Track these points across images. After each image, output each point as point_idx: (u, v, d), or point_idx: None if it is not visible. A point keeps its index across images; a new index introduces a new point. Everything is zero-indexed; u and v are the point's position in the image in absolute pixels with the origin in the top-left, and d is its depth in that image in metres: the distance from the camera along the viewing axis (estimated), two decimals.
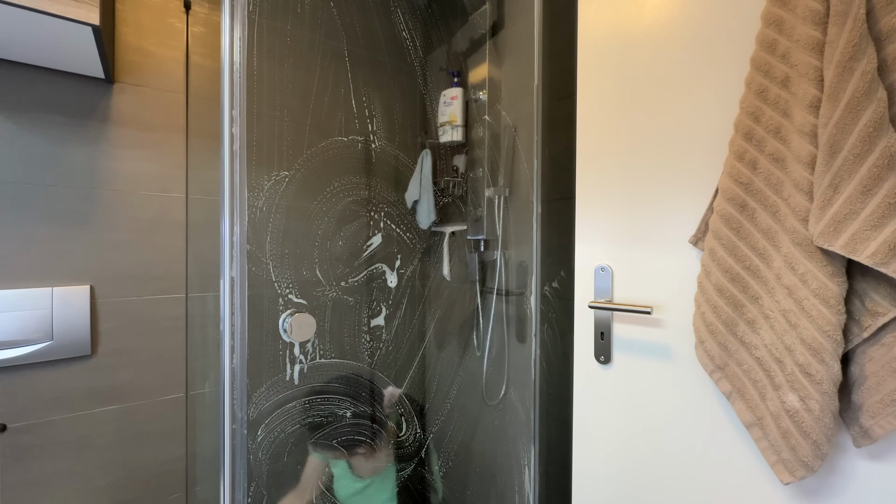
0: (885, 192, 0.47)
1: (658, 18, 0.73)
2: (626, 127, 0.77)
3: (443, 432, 1.47)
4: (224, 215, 0.74)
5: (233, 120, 0.73)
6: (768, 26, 0.57)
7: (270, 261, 1.23)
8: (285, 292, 1.25)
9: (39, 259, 0.96)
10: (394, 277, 1.46)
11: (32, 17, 0.73)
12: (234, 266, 0.75)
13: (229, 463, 0.75)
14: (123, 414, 1.05)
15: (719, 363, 0.62)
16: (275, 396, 1.23)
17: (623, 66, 0.78)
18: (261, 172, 1.21)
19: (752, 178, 0.58)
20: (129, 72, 1.05)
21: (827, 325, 0.51)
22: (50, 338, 0.95)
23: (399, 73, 1.49)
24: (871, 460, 0.54)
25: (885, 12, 0.49)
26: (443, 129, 1.35)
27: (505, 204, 1.23)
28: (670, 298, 0.72)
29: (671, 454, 0.72)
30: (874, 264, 0.47)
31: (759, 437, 0.59)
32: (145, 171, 1.07)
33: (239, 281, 0.76)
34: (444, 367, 1.48)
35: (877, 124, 0.47)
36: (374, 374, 1.33)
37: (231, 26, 0.74)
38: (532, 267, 1.12)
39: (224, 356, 0.76)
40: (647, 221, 0.74)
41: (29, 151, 0.95)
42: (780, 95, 0.56)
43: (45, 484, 0.96)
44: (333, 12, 1.34)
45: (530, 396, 1.11)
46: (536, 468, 1.08)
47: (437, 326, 1.51)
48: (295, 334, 1.12)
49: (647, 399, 0.75)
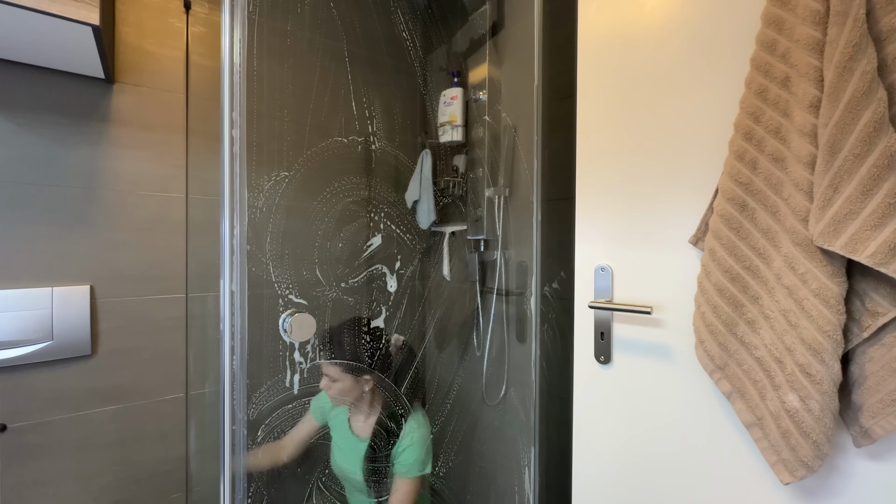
0: (885, 192, 0.47)
1: (658, 18, 0.73)
2: (627, 127, 0.77)
3: (443, 432, 1.47)
4: (224, 215, 0.74)
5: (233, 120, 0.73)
6: (768, 26, 0.57)
7: (270, 261, 1.23)
8: (285, 292, 1.25)
9: (39, 259, 0.96)
10: (393, 281, 1.46)
11: (32, 17, 0.73)
12: (235, 266, 0.75)
13: (229, 463, 0.75)
14: (123, 414, 1.05)
15: (719, 363, 0.62)
16: (275, 397, 1.23)
17: (623, 65, 0.78)
18: (261, 172, 1.21)
19: (753, 178, 0.58)
20: (129, 72, 1.05)
21: (827, 325, 0.51)
22: (50, 338, 0.95)
23: (399, 73, 1.48)
24: (871, 460, 0.54)
25: (885, 12, 0.49)
26: (443, 129, 1.35)
27: (505, 204, 1.23)
28: (670, 298, 0.72)
29: (671, 454, 0.72)
30: (874, 264, 0.47)
31: (759, 437, 0.59)
32: (145, 171, 1.07)
33: (239, 281, 0.76)
34: (444, 368, 1.48)
35: (877, 124, 0.47)
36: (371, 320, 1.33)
37: (231, 26, 0.74)
38: (532, 267, 1.12)
39: (224, 356, 0.75)
40: (648, 221, 0.74)
41: (29, 151, 0.95)
42: (780, 95, 0.56)
43: (45, 484, 0.96)
44: (333, 12, 1.34)
45: (530, 396, 1.11)
46: (536, 468, 1.08)
47: (437, 326, 1.51)
48: (295, 334, 1.12)
49: (647, 399, 0.75)
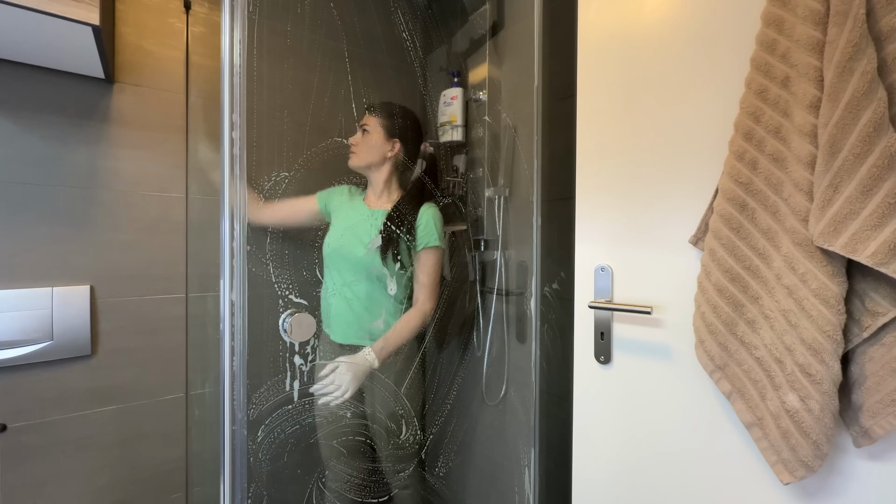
0: (885, 192, 0.47)
1: (658, 18, 0.73)
2: (627, 127, 0.77)
3: (443, 432, 1.47)
4: (224, 216, 0.74)
5: (233, 121, 0.73)
6: (768, 26, 0.57)
7: (270, 261, 1.23)
8: (285, 293, 1.25)
9: (39, 259, 0.96)
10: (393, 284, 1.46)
11: (32, 17, 0.73)
12: (235, 266, 0.75)
13: (229, 463, 0.75)
14: (123, 414, 1.05)
15: (719, 363, 0.62)
16: (275, 397, 1.23)
17: (623, 65, 0.78)
18: (261, 173, 1.21)
19: (752, 178, 0.58)
20: (129, 72, 1.05)
21: (827, 325, 0.51)
22: (50, 338, 0.95)
23: (399, 73, 1.48)
24: (871, 460, 0.54)
25: (885, 12, 0.49)
26: (443, 129, 1.35)
27: (505, 204, 1.23)
28: (670, 298, 0.72)
29: (671, 454, 0.72)
30: (874, 264, 0.47)
31: (759, 437, 0.59)
32: (145, 171, 1.07)
33: (239, 281, 0.76)
34: (444, 367, 1.48)
35: (877, 124, 0.47)
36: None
37: (231, 26, 0.74)
38: (532, 267, 1.12)
39: (224, 356, 0.75)
40: (648, 221, 0.74)
41: (29, 151, 0.95)
42: (780, 95, 0.56)
43: (45, 484, 0.96)
44: (333, 12, 1.34)
45: (530, 396, 1.11)
46: (536, 468, 1.08)
47: (437, 326, 1.51)
48: (295, 334, 1.12)
49: (647, 399, 0.75)
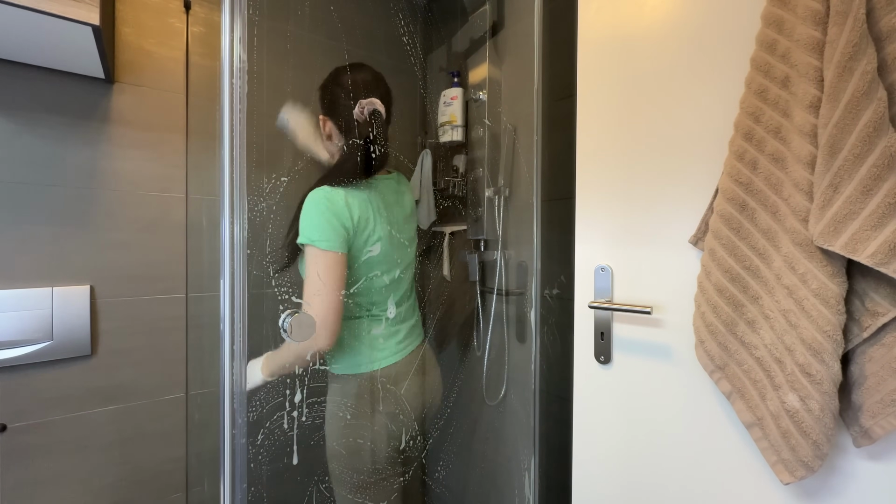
0: (885, 192, 0.47)
1: (658, 19, 0.73)
2: (626, 127, 0.77)
3: (443, 433, 1.47)
4: (224, 216, 0.74)
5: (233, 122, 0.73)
6: (768, 26, 0.57)
7: (271, 262, 1.23)
8: (285, 294, 1.25)
9: (39, 259, 0.96)
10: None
11: (32, 17, 0.73)
12: (235, 267, 0.75)
13: (229, 464, 0.75)
14: (123, 414, 1.05)
15: (719, 363, 0.62)
16: (275, 399, 1.23)
17: (623, 66, 0.78)
18: (261, 174, 1.21)
19: (752, 178, 0.58)
20: (129, 72, 1.05)
21: (827, 325, 0.51)
22: (50, 338, 0.95)
23: (399, 73, 1.48)
24: (871, 460, 0.54)
25: (885, 12, 0.49)
26: (443, 129, 1.35)
27: (505, 204, 1.23)
28: (670, 298, 0.72)
29: (671, 454, 0.72)
30: (874, 264, 0.47)
31: (759, 437, 0.59)
32: (145, 171, 1.07)
33: (239, 281, 0.76)
34: (444, 368, 1.48)
35: (877, 124, 0.47)
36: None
37: (231, 26, 0.73)
38: (532, 267, 1.12)
39: (224, 357, 0.75)
40: (648, 221, 0.74)
41: (29, 151, 0.95)
42: (780, 95, 0.56)
43: (45, 484, 0.96)
44: (333, 13, 1.34)
45: (530, 396, 1.11)
46: (536, 468, 1.08)
47: (437, 327, 1.51)
48: (295, 334, 1.11)
49: (647, 399, 0.75)
